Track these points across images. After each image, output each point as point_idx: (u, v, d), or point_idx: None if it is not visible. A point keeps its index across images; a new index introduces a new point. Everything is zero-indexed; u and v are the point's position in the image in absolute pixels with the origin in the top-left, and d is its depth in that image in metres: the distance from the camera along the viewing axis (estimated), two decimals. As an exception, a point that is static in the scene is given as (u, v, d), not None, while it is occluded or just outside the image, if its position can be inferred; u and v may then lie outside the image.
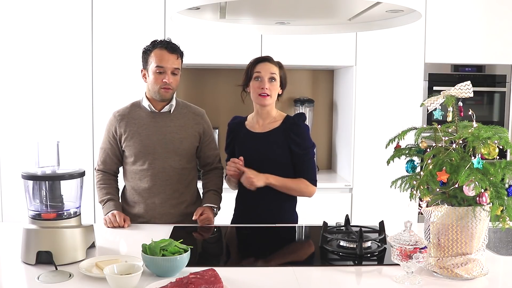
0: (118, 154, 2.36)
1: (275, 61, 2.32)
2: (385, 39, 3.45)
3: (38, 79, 3.32)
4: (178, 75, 2.29)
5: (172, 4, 1.96)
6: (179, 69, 2.28)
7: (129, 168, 2.34)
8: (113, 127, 2.33)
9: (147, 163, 2.29)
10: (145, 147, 2.29)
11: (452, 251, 1.60)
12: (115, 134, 2.33)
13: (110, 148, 2.35)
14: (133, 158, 2.31)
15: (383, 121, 3.49)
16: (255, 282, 1.57)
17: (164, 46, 2.24)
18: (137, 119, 2.32)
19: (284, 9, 1.93)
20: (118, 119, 2.32)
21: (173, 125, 2.32)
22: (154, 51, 2.25)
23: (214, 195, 2.38)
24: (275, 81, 2.28)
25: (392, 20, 1.95)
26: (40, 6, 3.28)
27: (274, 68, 2.28)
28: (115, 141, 2.33)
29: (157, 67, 2.23)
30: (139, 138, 2.29)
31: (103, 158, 2.37)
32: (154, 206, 2.32)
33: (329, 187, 3.53)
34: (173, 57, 2.24)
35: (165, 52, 2.23)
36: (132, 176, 2.34)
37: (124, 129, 2.31)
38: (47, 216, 1.73)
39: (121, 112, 2.35)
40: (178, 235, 1.94)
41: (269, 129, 2.31)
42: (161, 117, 2.32)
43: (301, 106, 3.80)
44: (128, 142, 2.30)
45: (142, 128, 2.30)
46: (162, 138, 2.29)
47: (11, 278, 1.64)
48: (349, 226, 2.04)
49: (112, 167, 2.38)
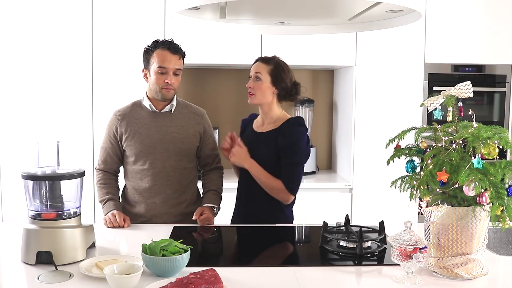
0: (118, 154, 2.36)
1: (267, 58, 2.28)
2: (385, 39, 3.45)
3: (38, 79, 3.32)
4: (179, 76, 2.29)
5: (172, 4, 1.96)
6: (181, 69, 2.29)
7: (130, 167, 2.35)
8: (114, 126, 2.33)
9: (147, 163, 2.30)
10: (146, 147, 2.29)
11: (452, 251, 1.60)
12: (116, 134, 2.33)
13: (111, 147, 2.35)
14: (134, 158, 2.31)
15: (383, 121, 3.49)
16: (255, 282, 1.57)
17: (166, 46, 2.24)
18: (138, 118, 2.32)
19: (284, 9, 1.93)
20: (119, 118, 2.33)
21: (174, 125, 2.32)
22: (156, 51, 2.24)
23: (214, 195, 2.38)
24: (259, 80, 2.24)
25: (392, 20, 1.95)
26: (40, 6, 3.28)
27: (260, 66, 2.26)
28: (115, 141, 2.34)
29: (159, 67, 2.23)
30: (140, 138, 2.29)
31: (104, 157, 2.37)
32: (154, 205, 2.32)
33: (329, 187, 3.52)
34: (175, 58, 2.24)
35: (168, 52, 2.23)
36: (133, 175, 2.34)
37: (125, 129, 2.31)
38: (47, 216, 1.73)
39: (122, 111, 2.35)
40: (178, 235, 1.94)
41: (267, 129, 2.31)
42: (162, 117, 2.32)
43: (301, 106, 3.80)
44: (129, 142, 2.30)
45: (143, 128, 2.30)
46: (162, 138, 2.29)
47: (11, 278, 1.64)
48: (349, 226, 2.04)
49: (112, 167, 2.38)
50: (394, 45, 3.47)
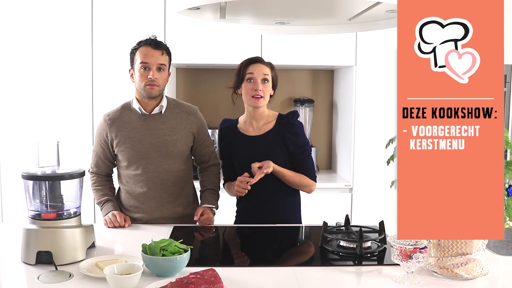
0: (110, 158, 2.33)
1: (267, 62, 2.30)
2: (385, 39, 3.45)
3: (38, 79, 3.32)
4: (164, 72, 2.24)
5: (172, 4, 1.96)
6: (165, 65, 2.23)
7: (123, 172, 2.31)
8: (104, 131, 2.28)
9: (140, 168, 2.25)
10: (138, 152, 2.24)
11: (452, 251, 1.60)
12: (107, 139, 2.28)
13: (102, 152, 2.31)
14: (126, 163, 2.27)
15: (383, 121, 3.49)
16: (255, 282, 1.57)
17: (148, 43, 2.22)
18: (128, 122, 2.26)
19: (284, 9, 1.93)
20: (108, 123, 2.27)
21: (165, 127, 2.27)
22: (139, 49, 2.22)
23: (211, 194, 2.36)
24: (267, 82, 2.26)
25: (392, 20, 1.96)
26: (40, 6, 3.27)
27: (266, 69, 2.26)
28: (106, 146, 2.29)
29: (142, 63, 2.19)
30: (130, 143, 2.24)
31: (96, 161, 2.34)
32: (150, 210, 2.29)
33: (329, 187, 3.52)
34: (157, 53, 2.20)
35: (150, 48, 2.20)
36: (127, 180, 2.31)
37: (115, 134, 2.26)
38: (47, 216, 1.73)
39: (111, 115, 2.29)
40: (178, 235, 1.94)
41: (264, 131, 2.30)
42: (152, 119, 2.27)
43: (301, 106, 3.80)
44: (120, 147, 2.26)
45: (134, 132, 2.25)
46: (154, 142, 2.25)
47: (11, 278, 1.64)
48: (349, 226, 2.04)
49: (105, 170, 2.36)
50: (394, 45, 3.46)
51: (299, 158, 2.29)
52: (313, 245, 2.01)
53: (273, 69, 2.30)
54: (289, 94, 3.90)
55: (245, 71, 2.26)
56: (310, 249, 2.01)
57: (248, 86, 2.25)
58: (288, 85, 3.90)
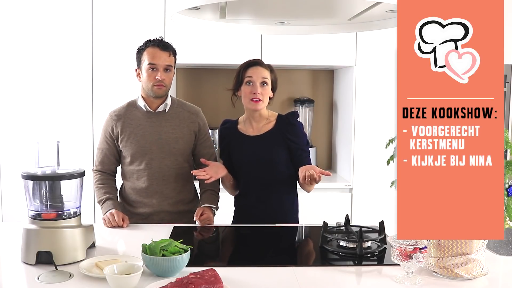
0: (116, 154, 2.37)
1: (266, 65, 2.30)
2: (385, 39, 3.45)
3: (38, 79, 3.32)
4: (171, 72, 2.30)
5: (172, 4, 1.96)
6: (172, 66, 2.30)
7: (126, 168, 2.36)
8: (110, 127, 2.34)
9: (143, 163, 2.31)
10: (141, 147, 2.31)
11: (452, 251, 1.60)
12: (112, 134, 2.34)
13: (108, 148, 2.36)
14: (130, 159, 2.33)
15: (383, 121, 3.49)
16: (255, 282, 1.57)
17: (156, 44, 2.27)
18: (133, 119, 2.33)
19: (284, 9, 1.93)
20: (114, 119, 2.34)
21: (168, 124, 2.33)
22: (147, 50, 2.27)
23: (211, 195, 2.38)
24: (266, 85, 2.26)
25: (392, 20, 1.96)
26: (40, 6, 3.27)
27: (265, 72, 2.27)
28: (112, 141, 2.35)
29: (150, 64, 2.25)
30: (135, 138, 2.31)
31: (101, 158, 2.38)
32: (152, 205, 2.34)
33: (329, 187, 3.52)
34: (165, 54, 2.26)
35: (157, 49, 2.26)
36: (130, 175, 2.36)
37: (121, 130, 2.32)
38: (47, 216, 1.73)
39: (118, 112, 2.36)
40: (178, 235, 1.93)
41: (264, 131, 2.31)
42: (157, 117, 2.33)
43: (301, 106, 3.80)
44: (125, 143, 2.32)
45: (138, 129, 2.32)
46: (157, 139, 2.31)
47: (11, 278, 1.64)
48: (349, 226, 2.04)
49: (110, 167, 2.39)
50: (394, 45, 3.46)
51: (301, 157, 2.29)
52: (313, 245, 2.01)
53: (272, 72, 2.30)
54: (289, 94, 3.90)
55: (244, 74, 2.27)
56: (310, 249, 2.01)
57: (247, 89, 2.26)
58: (288, 85, 3.90)
